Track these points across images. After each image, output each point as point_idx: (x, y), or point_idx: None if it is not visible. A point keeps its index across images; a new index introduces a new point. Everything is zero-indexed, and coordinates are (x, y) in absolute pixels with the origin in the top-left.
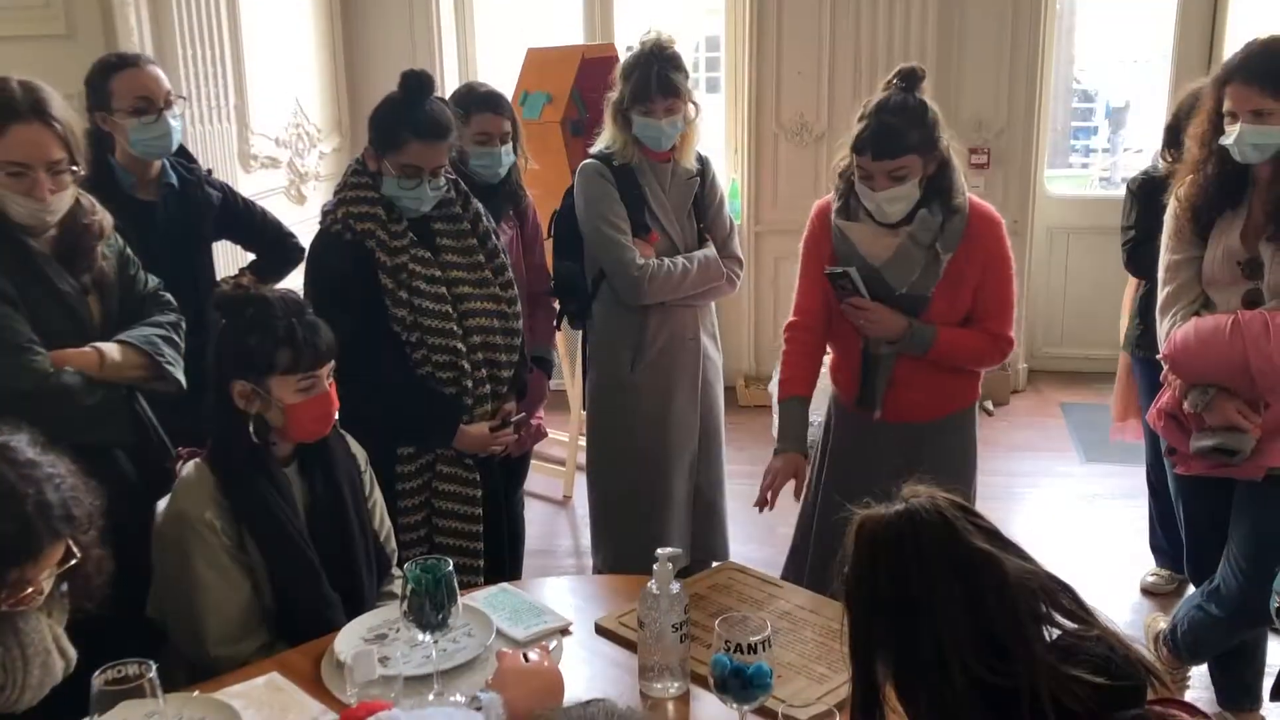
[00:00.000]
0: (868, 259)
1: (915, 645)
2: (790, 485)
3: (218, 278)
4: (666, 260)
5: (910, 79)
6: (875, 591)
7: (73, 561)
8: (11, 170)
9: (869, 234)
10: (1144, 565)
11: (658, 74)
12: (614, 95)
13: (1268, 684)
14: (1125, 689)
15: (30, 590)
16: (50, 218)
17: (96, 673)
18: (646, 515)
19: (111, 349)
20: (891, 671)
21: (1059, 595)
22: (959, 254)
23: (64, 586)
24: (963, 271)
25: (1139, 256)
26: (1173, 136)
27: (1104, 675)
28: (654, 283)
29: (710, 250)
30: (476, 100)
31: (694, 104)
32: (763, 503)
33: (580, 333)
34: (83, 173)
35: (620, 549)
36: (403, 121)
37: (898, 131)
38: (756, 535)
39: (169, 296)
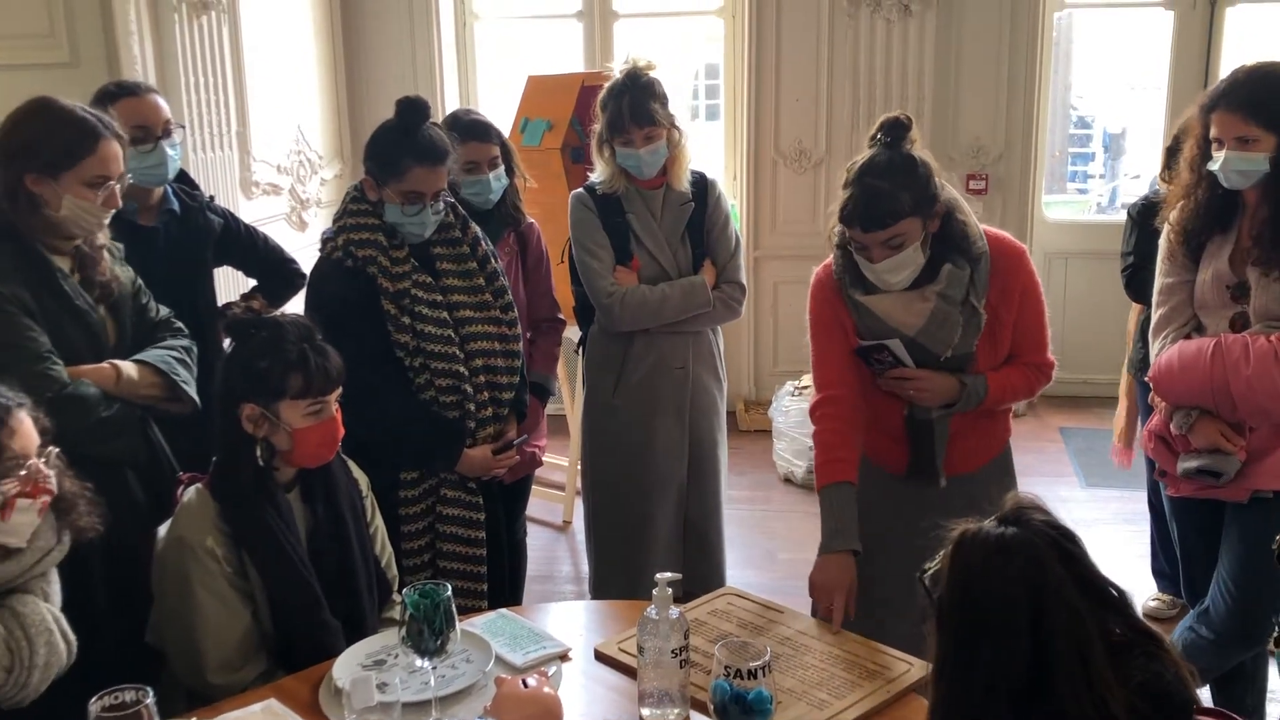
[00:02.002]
0: (900, 330)
1: (970, 667)
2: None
3: (219, 303)
4: (643, 287)
5: (895, 131)
6: (952, 606)
7: (54, 450)
8: (93, 183)
9: (895, 303)
10: (1146, 590)
11: (630, 104)
12: (596, 128)
13: (1271, 709)
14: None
15: (32, 467)
16: (101, 226)
17: (93, 699)
18: (628, 540)
19: (128, 366)
20: (939, 677)
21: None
22: (992, 296)
23: (58, 554)
24: (999, 314)
25: (1137, 282)
26: (1173, 159)
27: (1156, 689)
28: (626, 309)
29: (697, 277)
30: (462, 129)
31: (676, 128)
32: (838, 627)
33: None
34: (130, 179)
35: (601, 570)
36: (403, 149)
37: (886, 197)
38: (756, 561)
39: (180, 324)
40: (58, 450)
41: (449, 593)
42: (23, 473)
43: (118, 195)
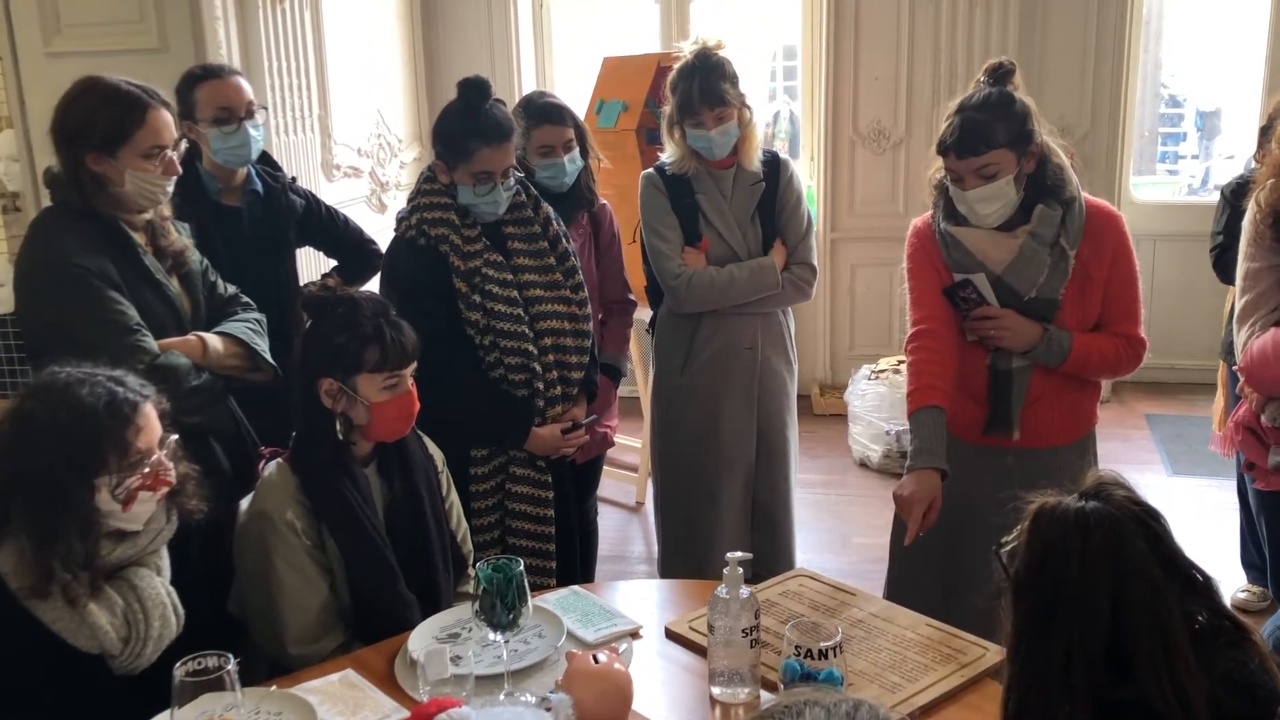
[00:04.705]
0: (987, 265)
1: (1047, 646)
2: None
3: (300, 283)
4: (711, 269)
5: (997, 74)
6: (1030, 580)
7: (173, 438)
8: (149, 153)
9: (985, 238)
10: (1235, 581)
11: (700, 86)
12: (666, 109)
13: None
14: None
15: (155, 462)
16: (166, 195)
17: (178, 664)
18: (693, 520)
19: (212, 338)
20: (1014, 656)
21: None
22: (1083, 251)
23: (167, 533)
24: (1089, 271)
25: (1226, 262)
26: (1267, 138)
27: (1241, 679)
28: (692, 291)
29: (766, 259)
30: (535, 112)
31: (747, 108)
32: (912, 538)
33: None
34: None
35: (669, 550)
36: (468, 130)
37: (982, 126)
38: (831, 545)
39: (248, 299)
40: (176, 437)
41: (521, 568)
42: (145, 470)
43: (176, 162)
